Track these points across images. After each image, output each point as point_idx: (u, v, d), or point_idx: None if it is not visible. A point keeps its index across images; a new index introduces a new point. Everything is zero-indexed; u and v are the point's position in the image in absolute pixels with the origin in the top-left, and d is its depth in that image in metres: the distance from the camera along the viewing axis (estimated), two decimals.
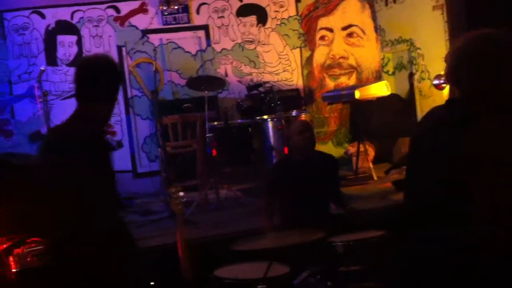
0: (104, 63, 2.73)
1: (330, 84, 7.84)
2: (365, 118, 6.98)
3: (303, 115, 6.40)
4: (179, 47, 7.47)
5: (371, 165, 6.23)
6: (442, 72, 5.51)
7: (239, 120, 6.45)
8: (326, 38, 7.86)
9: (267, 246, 3.41)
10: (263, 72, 7.62)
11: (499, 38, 2.07)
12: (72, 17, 7.27)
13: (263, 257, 3.38)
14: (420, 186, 2.19)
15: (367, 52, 7.93)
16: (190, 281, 3.65)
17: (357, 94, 6.24)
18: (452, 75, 2.15)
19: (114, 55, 7.23)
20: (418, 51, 7.00)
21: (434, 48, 6.57)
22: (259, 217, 4.31)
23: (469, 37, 2.11)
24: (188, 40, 7.49)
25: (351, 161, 6.71)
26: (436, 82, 5.66)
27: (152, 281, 3.62)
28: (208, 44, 7.54)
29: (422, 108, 6.93)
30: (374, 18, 7.93)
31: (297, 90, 7.56)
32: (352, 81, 7.87)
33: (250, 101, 6.61)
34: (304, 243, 3.44)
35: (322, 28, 7.86)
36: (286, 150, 5.74)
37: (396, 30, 7.48)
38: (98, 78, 2.67)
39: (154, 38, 7.38)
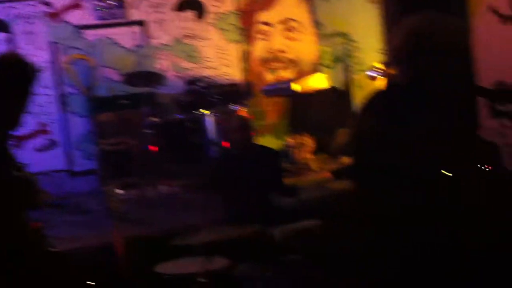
0: (6, 63, 2.52)
1: (269, 77, 7.86)
2: (304, 111, 7.04)
3: (243, 109, 6.39)
4: (115, 42, 7.30)
5: (311, 156, 6.29)
6: (377, 64, 5.63)
7: (179, 116, 6.37)
8: (265, 32, 7.88)
9: (207, 240, 3.40)
10: (202, 67, 7.55)
11: (446, 21, 2.11)
12: (3, 14, 6.99)
13: (203, 252, 3.36)
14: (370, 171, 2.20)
15: (305, 46, 7.99)
16: (130, 279, 3.59)
17: (296, 87, 6.30)
18: (398, 54, 2.16)
19: (48, 51, 6.99)
20: (355, 43, 7.12)
21: (369, 41, 6.70)
22: (200, 212, 4.27)
23: (417, 18, 2.13)
24: (125, 36, 7.34)
25: (291, 153, 6.76)
26: (371, 73, 5.75)
27: (90, 281, 3.52)
28: (146, 40, 7.41)
29: (359, 100, 7.05)
30: (312, 12, 8.00)
31: (236, 84, 7.53)
32: (291, 74, 7.91)
33: (189, 97, 6.55)
34: (244, 236, 3.45)
35: (260, 22, 7.86)
36: (226, 145, 5.72)
37: (333, 23, 7.58)
38: None
39: (89, 34, 7.19)
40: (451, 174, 2.06)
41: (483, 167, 3.14)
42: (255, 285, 3.44)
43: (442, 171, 2.05)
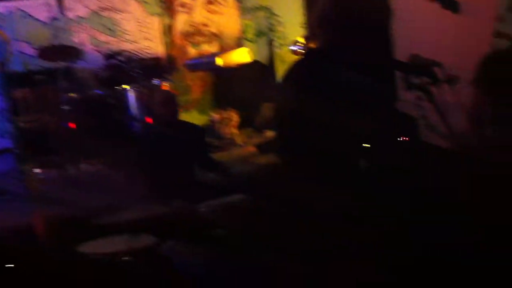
0: None
1: (192, 52, 7.75)
2: (228, 85, 7.03)
3: (166, 84, 6.29)
4: (29, 15, 6.94)
5: (236, 130, 6.31)
6: (300, 39, 5.67)
7: (98, 92, 6.17)
8: (186, 5, 7.74)
9: (132, 218, 3.36)
10: (121, 41, 7.33)
11: None
12: None
13: (129, 230, 3.31)
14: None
15: (227, 19, 7.93)
16: (53, 261, 3.48)
17: (220, 61, 6.26)
18: (318, 23, 2.17)
19: None
20: (277, 18, 7.14)
21: (291, 15, 6.74)
22: (123, 190, 4.20)
23: None
24: (38, 8, 6.98)
25: (216, 128, 6.75)
26: (294, 48, 5.79)
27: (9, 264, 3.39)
28: (61, 12, 7.08)
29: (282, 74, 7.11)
30: None
31: (158, 58, 7.39)
32: (214, 48, 7.84)
33: (109, 71, 6.35)
34: (170, 213, 3.43)
35: None
36: (149, 121, 5.61)
37: None
38: None
39: (0, 6, 6.79)
40: (369, 146, 2.11)
41: (400, 139, 3.26)
42: (183, 262, 3.43)
43: (362, 142, 2.10)
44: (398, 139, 3.20)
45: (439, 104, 2.56)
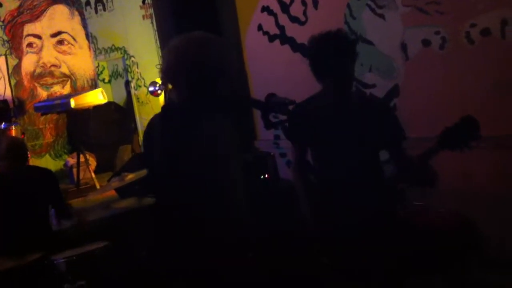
0: None
1: (43, 93, 7.39)
2: (83, 128, 6.77)
3: (13, 128, 5.89)
4: None
5: (93, 175, 6.05)
6: (157, 79, 5.64)
7: None
8: (34, 45, 7.39)
9: None
10: None
11: (214, 41, 2.16)
12: None
13: None
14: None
15: (80, 60, 7.70)
16: None
17: (73, 103, 6.00)
18: (170, 75, 2.16)
19: None
20: (132, 59, 7.06)
21: (147, 56, 6.70)
22: None
23: (186, 38, 2.15)
24: None
25: (72, 173, 6.42)
26: (151, 89, 5.74)
27: None
28: None
29: (141, 115, 7.01)
30: (84, 25, 7.74)
31: (5, 101, 6.94)
32: (66, 90, 7.55)
33: None
34: (21, 265, 3.17)
35: (29, 35, 7.36)
36: None
37: (109, 38, 7.42)
38: None
39: None
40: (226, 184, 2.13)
41: (261, 176, 3.34)
42: None
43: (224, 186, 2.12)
44: (260, 176, 3.28)
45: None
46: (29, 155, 4.12)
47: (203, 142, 2.06)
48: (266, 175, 3.50)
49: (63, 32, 7.59)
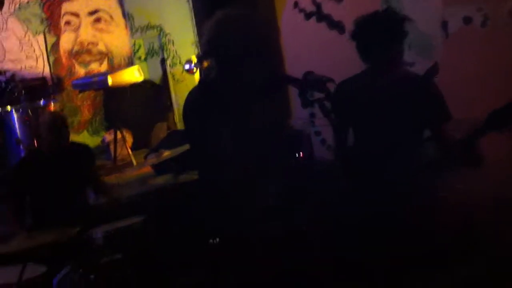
0: None
1: (81, 71, 7.48)
2: (120, 105, 6.85)
3: (52, 105, 6.00)
4: None
5: (130, 151, 6.15)
6: (193, 57, 5.66)
7: None
8: (72, 23, 7.47)
9: (19, 248, 3.15)
10: (3, 60, 6.92)
11: (255, 16, 2.19)
12: None
13: (16, 260, 3.11)
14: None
15: (117, 38, 7.76)
16: None
17: (110, 81, 6.08)
18: (207, 48, 2.19)
19: None
20: (168, 36, 7.09)
21: (182, 34, 6.73)
22: (7, 221, 3.93)
23: (229, 12, 2.17)
24: None
25: (109, 149, 6.53)
26: (187, 67, 5.77)
27: None
28: None
29: (176, 93, 7.07)
30: (121, 3, 7.78)
31: (43, 78, 7.04)
32: (103, 67, 7.63)
33: None
34: (60, 239, 3.25)
35: (66, 13, 7.44)
36: (35, 144, 5.32)
37: (145, 16, 7.46)
38: None
39: None
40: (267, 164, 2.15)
41: (296, 155, 3.33)
42: None
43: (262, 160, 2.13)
44: (294, 155, 3.27)
45: (334, 119, 2.67)
46: (67, 131, 4.19)
47: (242, 120, 2.08)
48: (301, 153, 3.50)
49: (100, 10, 7.65)
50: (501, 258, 2.61)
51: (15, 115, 5.63)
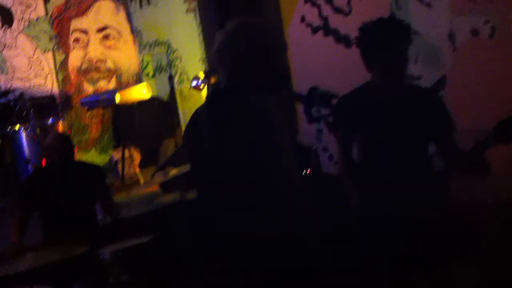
0: None
1: (89, 88, 7.51)
2: (127, 122, 6.86)
3: (61, 123, 6.02)
4: None
5: (137, 169, 6.14)
6: (200, 74, 5.66)
7: None
8: (81, 41, 7.52)
9: (25, 268, 3.12)
10: (12, 78, 6.96)
11: (264, 24, 2.18)
12: None
13: (22, 281, 3.08)
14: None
15: (125, 55, 7.79)
16: None
17: (118, 98, 6.09)
18: (220, 55, 2.18)
19: None
20: (176, 53, 7.11)
21: (190, 50, 6.73)
22: (14, 238, 3.92)
23: (238, 20, 2.18)
24: None
25: (117, 168, 6.53)
26: (194, 83, 5.76)
27: None
28: None
29: (184, 110, 7.06)
30: (129, 19, 7.82)
31: (52, 96, 7.08)
32: (111, 85, 7.65)
33: None
34: (67, 258, 3.23)
35: (75, 30, 7.49)
36: (43, 163, 5.32)
37: (153, 32, 7.49)
38: None
39: None
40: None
41: (304, 170, 3.29)
42: None
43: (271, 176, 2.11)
44: (302, 170, 3.23)
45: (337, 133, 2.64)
46: (75, 150, 4.19)
47: (258, 120, 2.07)
48: (309, 170, 3.47)
49: (109, 27, 7.69)
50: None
51: (23, 134, 5.65)
